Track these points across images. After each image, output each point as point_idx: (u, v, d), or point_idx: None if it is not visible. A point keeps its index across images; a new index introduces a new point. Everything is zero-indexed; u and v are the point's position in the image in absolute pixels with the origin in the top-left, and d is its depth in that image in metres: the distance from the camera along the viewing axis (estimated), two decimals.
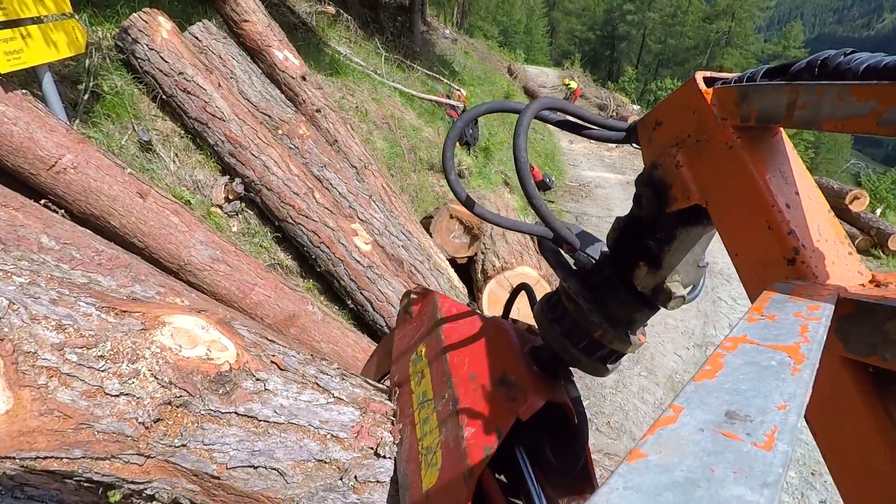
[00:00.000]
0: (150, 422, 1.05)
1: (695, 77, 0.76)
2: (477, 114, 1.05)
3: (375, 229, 4.66)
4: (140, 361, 1.07)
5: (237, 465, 1.14)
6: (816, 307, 0.51)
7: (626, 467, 0.27)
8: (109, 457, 1.01)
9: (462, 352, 1.28)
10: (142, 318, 1.15)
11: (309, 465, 1.21)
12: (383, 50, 8.83)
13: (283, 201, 4.12)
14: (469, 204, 1.04)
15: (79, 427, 0.99)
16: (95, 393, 1.00)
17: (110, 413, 1.01)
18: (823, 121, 0.57)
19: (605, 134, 0.96)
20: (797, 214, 0.68)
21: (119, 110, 3.79)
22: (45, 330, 1.00)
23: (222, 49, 4.41)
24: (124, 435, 1.02)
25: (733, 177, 0.71)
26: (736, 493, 0.25)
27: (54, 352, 0.99)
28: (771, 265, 0.68)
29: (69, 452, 0.98)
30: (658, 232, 0.88)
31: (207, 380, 1.14)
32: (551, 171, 12.79)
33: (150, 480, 1.08)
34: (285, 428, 1.21)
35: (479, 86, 13.35)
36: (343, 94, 6.56)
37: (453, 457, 1.08)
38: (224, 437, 1.13)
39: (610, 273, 0.98)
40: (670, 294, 0.88)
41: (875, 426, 0.58)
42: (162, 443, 1.06)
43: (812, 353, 0.40)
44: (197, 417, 1.11)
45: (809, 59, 0.62)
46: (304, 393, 1.28)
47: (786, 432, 0.30)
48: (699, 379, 0.36)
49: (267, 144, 4.12)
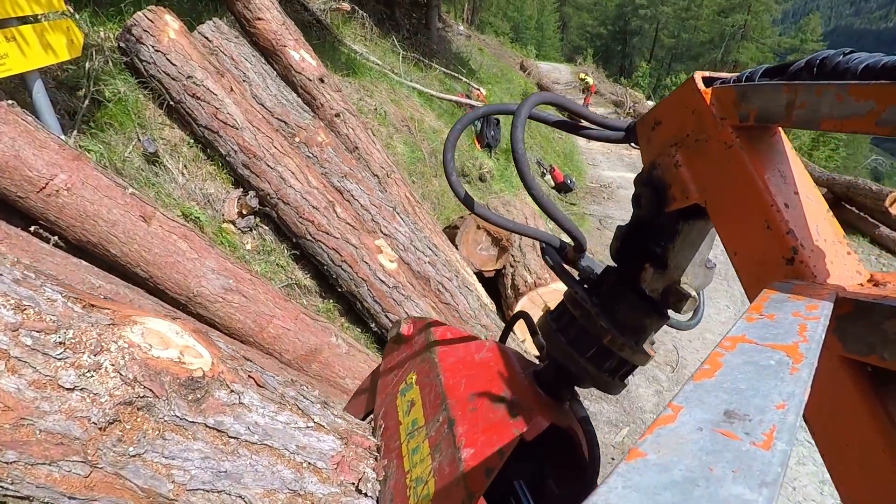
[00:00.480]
0: (105, 423, 0.92)
1: (693, 77, 0.76)
2: (474, 117, 1.04)
3: (400, 244, 4.29)
4: (104, 354, 0.96)
5: (198, 486, 1.00)
6: (815, 306, 0.51)
7: (624, 466, 0.27)
8: (49, 462, 0.88)
9: (458, 374, 1.18)
10: (111, 315, 1.04)
11: (280, 496, 1.07)
12: (400, 48, 8.45)
13: (302, 216, 3.76)
14: (469, 203, 1.03)
15: (18, 423, 0.86)
16: (46, 384, 0.89)
17: (59, 409, 0.89)
18: (822, 120, 0.58)
19: (603, 133, 0.95)
20: (796, 214, 0.68)
21: (122, 118, 3.45)
22: (1, 308, 0.89)
23: (234, 50, 4.05)
24: (71, 437, 0.89)
25: (732, 176, 0.71)
26: (735, 493, 0.25)
27: (7, 332, 0.88)
28: (770, 265, 0.68)
29: (1, 454, 0.84)
30: (660, 231, 0.88)
31: (177, 382, 1.03)
32: (571, 172, 12.35)
33: (93, 499, 0.92)
34: (258, 449, 1.08)
35: (497, 84, 12.93)
36: (361, 95, 6.20)
37: (449, 482, 0.98)
38: (187, 451, 1.00)
39: (616, 280, 0.96)
40: (681, 295, 0.86)
41: (874, 425, 0.58)
42: (114, 450, 0.93)
43: (811, 352, 0.40)
44: (159, 424, 0.99)
45: (808, 58, 0.62)
46: (281, 413, 1.16)
47: (784, 432, 0.30)
48: (698, 378, 0.36)
49: (283, 154, 3.76)
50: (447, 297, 4.41)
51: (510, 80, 15.24)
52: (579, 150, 15.32)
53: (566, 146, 14.42)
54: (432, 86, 8.77)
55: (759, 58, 58.54)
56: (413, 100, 7.58)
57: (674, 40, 67.43)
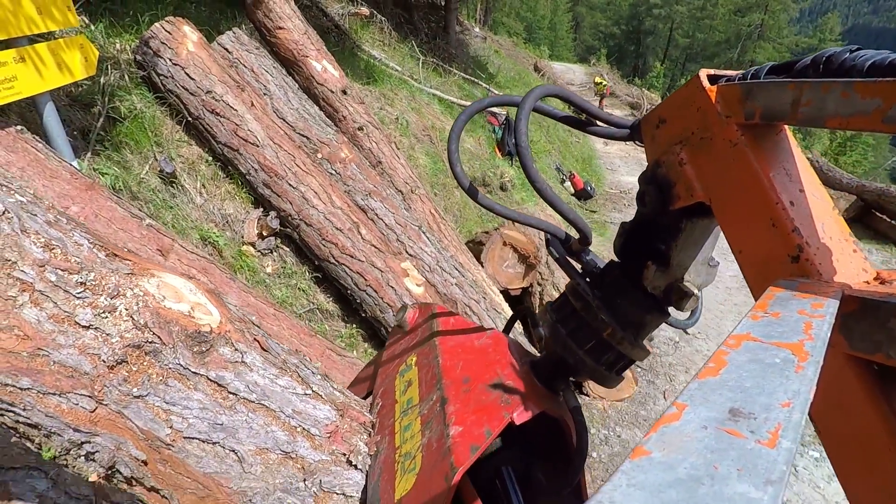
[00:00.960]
0: (114, 362, 0.97)
1: (699, 75, 0.76)
2: (479, 108, 1.04)
3: (426, 265, 4.08)
4: (120, 298, 1.01)
5: (194, 435, 1.04)
6: (821, 304, 0.51)
7: (629, 464, 0.26)
8: (59, 393, 0.92)
9: (456, 357, 1.20)
10: (132, 265, 1.09)
11: (272, 455, 1.11)
12: (420, 53, 8.23)
13: (325, 238, 3.56)
14: (473, 193, 1.05)
15: (35, 352, 0.91)
16: (64, 319, 0.94)
17: (73, 344, 0.94)
18: (828, 118, 0.57)
19: (608, 130, 0.96)
20: (801, 212, 0.68)
21: (138, 136, 3.27)
22: (32, 244, 0.95)
23: (255, 61, 3.86)
24: (81, 371, 0.94)
25: (737, 174, 0.71)
26: (740, 491, 0.25)
27: (34, 266, 0.93)
28: (775, 263, 0.68)
29: (16, 380, 0.89)
30: (663, 230, 0.88)
31: (185, 333, 1.07)
32: (590, 177, 12.07)
33: (95, 433, 0.97)
34: (255, 408, 1.12)
35: (514, 87, 12.66)
36: (381, 104, 5.99)
37: (435, 457, 1.00)
38: (187, 399, 1.04)
39: (619, 275, 0.96)
40: (682, 293, 0.87)
41: (880, 424, 0.57)
42: (119, 389, 0.97)
43: (816, 350, 0.40)
44: (164, 370, 1.03)
45: (814, 55, 0.62)
46: (281, 378, 1.19)
47: (790, 430, 0.30)
48: (703, 376, 0.36)
49: (306, 173, 3.56)
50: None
51: (527, 83, 14.96)
52: (597, 155, 15.01)
53: (584, 151, 14.13)
54: (451, 91, 8.54)
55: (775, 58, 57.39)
56: (433, 107, 7.36)
57: (688, 40, 66.54)
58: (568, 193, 10.71)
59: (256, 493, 1.09)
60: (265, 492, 1.09)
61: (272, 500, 1.10)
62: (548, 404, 1.04)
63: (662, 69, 51.58)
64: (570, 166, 12.06)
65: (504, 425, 0.96)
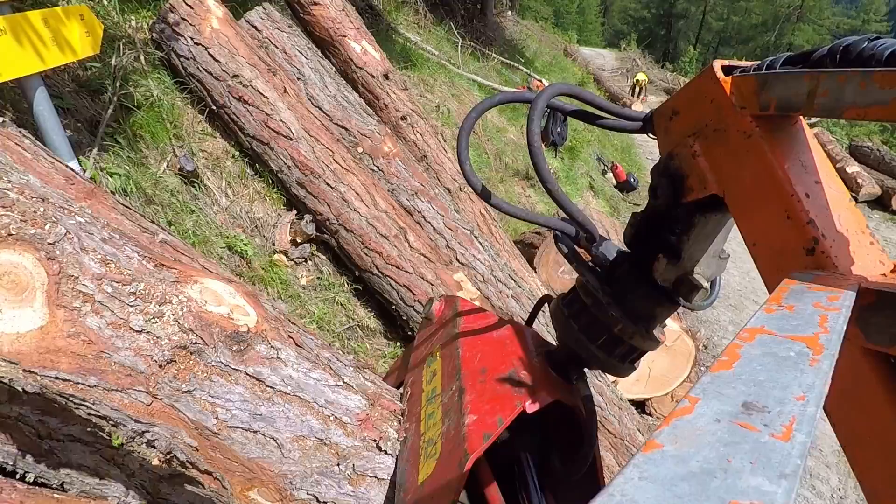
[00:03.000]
0: (164, 361, 1.08)
1: (712, 66, 0.76)
2: (491, 104, 1.05)
3: (479, 275, 3.57)
4: (166, 305, 1.11)
5: (237, 424, 1.14)
6: (836, 297, 0.50)
7: (641, 457, 0.26)
8: (121, 389, 1.03)
9: (475, 348, 1.26)
10: (177, 274, 1.18)
11: (308, 442, 1.21)
12: (458, 36, 7.64)
13: (367, 246, 3.07)
14: (486, 195, 1.06)
15: (99, 355, 1.01)
16: (120, 325, 1.04)
17: (129, 346, 1.04)
18: (845, 108, 0.57)
19: (620, 123, 0.97)
20: (817, 204, 0.68)
21: (155, 128, 2.81)
22: (90, 260, 1.04)
23: (287, 41, 3.37)
24: (137, 370, 1.05)
25: (751, 166, 0.71)
26: (753, 484, 0.24)
27: (94, 280, 1.03)
28: (790, 255, 0.68)
29: (85, 378, 1.00)
30: (675, 222, 0.89)
31: (224, 334, 1.16)
32: (631, 168, 11.36)
33: (153, 423, 1.08)
34: (290, 399, 1.21)
35: (551, 73, 11.92)
36: (420, 90, 5.47)
37: (452, 444, 1.05)
38: (229, 392, 1.14)
39: (629, 268, 0.98)
40: (692, 286, 0.89)
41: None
42: (170, 385, 1.08)
43: (831, 343, 0.40)
44: (207, 368, 1.13)
45: (832, 45, 0.62)
46: (314, 371, 1.28)
47: (804, 423, 0.29)
48: (716, 370, 0.36)
49: (346, 170, 3.07)
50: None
51: (563, 68, 14.20)
52: (636, 144, 14.23)
53: (623, 140, 13.37)
54: (490, 77, 7.96)
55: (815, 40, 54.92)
56: (473, 93, 6.80)
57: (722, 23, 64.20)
58: (610, 185, 10.05)
59: (296, 475, 1.19)
60: (304, 474, 1.20)
61: (310, 481, 1.20)
62: (562, 393, 1.09)
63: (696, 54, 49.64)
64: (609, 156, 11.37)
65: (516, 414, 1.00)
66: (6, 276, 0.94)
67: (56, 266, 0.99)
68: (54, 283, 0.98)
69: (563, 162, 7.88)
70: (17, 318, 0.95)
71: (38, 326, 0.95)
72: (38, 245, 0.99)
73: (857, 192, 11.56)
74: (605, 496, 0.23)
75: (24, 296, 0.95)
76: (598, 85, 18.20)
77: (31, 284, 0.96)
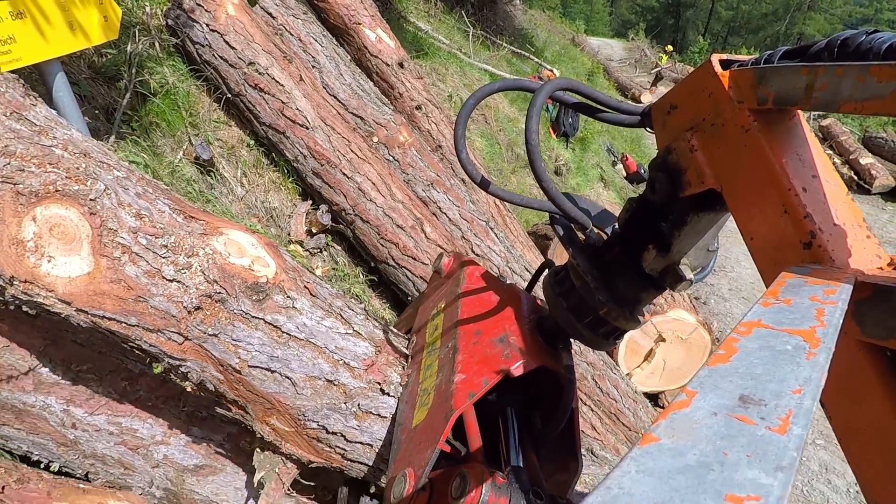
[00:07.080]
0: (192, 308, 1.20)
1: (710, 59, 0.76)
2: (490, 91, 1.05)
3: (495, 266, 3.53)
4: (194, 257, 1.22)
5: (257, 364, 1.27)
6: (833, 291, 0.50)
7: (638, 451, 0.26)
8: (157, 330, 1.17)
9: (473, 308, 1.32)
10: (204, 225, 1.28)
11: (319, 382, 1.34)
12: (469, 25, 7.55)
13: (384, 237, 3.04)
14: (484, 184, 1.11)
15: (137, 299, 1.14)
16: (154, 274, 1.16)
17: (163, 293, 1.16)
18: (842, 102, 0.57)
19: (619, 118, 1.00)
20: (814, 198, 0.67)
21: (170, 116, 2.78)
22: (126, 215, 1.15)
23: (302, 28, 3.32)
24: (170, 314, 1.17)
25: (749, 160, 0.71)
26: (749, 477, 0.24)
27: (130, 233, 1.14)
28: (786, 249, 0.68)
29: (127, 318, 1.14)
30: (670, 216, 0.90)
31: (245, 285, 1.26)
32: (642, 160, 11.24)
33: (185, 359, 1.23)
34: (303, 344, 1.33)
35: (562, 63, 11.78)
36: (432, 79, 5.40)
37: (441, 397, 1.14)
38: (250, 337, 1.26)
39: (619, 252, 1.01)
40: (678, 277, 0.91)
41: (893, 410, 0.57)
42: (198, 328, 1.21)
43: (828, 336, 0.40)
44: (230, 315, 1.25)
45: (829, 39, 0.62)
46: (327, 319, 1.39)
47: (801, 416, 0.29)
48: (713, 363, 0.36)
49: (362, 160, 3.03)
50: None
51: (573, 58, 14.02)
52: (646, 135, 14.08)
53: (633, 131, 13.21)
54: (501, 66, 7.86)
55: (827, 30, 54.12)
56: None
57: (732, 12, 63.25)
58: (620, 177, 9.95)
59: (308, 409, 1.33)
60: (315, 409, 1.33)
61: (321, 415, 1.34)
62: (547, 360, 1.14)
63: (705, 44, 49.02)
64: (619, 147, 11.25)
65: (500, 377, 1.06)
66: (56, 227, 1.05)
67: (98, 220, 1.10)
68: (97, 234, 1.10)
69: (574, 153, 7.80)
70: (68, 265, 1.06)
71: (86, 272, 1.07)
72: (82, 201, 1.09)
73: (871, 184, 11.36)
74: (602, 490, 0.23)
75: (73, 245, 1.07)
76: (608, 76, 17.99)
77: (78, 235, 1.08)
